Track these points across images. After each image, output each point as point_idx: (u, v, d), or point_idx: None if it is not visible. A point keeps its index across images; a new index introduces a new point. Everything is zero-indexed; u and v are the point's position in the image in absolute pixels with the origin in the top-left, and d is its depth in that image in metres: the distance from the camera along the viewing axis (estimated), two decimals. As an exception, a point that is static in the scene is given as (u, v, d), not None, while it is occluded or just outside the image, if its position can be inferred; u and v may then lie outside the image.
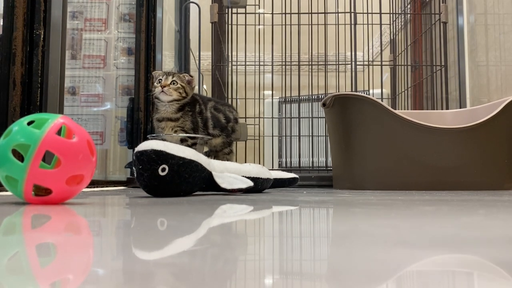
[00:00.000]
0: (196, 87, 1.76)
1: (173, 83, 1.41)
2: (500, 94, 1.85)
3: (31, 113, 1.21)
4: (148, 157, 0.78)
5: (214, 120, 1.54)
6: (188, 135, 1.45)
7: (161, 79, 1.43)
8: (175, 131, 1.44)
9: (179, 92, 1.42)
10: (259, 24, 2.07)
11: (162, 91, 1.40)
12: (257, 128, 2.04)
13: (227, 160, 1.54)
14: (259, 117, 2.09)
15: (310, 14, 2.02)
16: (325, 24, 2.06)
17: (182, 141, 1.44)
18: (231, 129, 1.61)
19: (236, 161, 1.81)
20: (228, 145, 1.60)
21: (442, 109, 1.91)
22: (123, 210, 0.60)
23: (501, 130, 1.36)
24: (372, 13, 2.00)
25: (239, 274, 0.22)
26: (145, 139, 1.45)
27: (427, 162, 1.34)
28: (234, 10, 2.05)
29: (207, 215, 0.50)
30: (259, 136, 2.07)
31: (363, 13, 1.97)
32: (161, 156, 0.79)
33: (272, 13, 1.97)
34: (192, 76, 1.46)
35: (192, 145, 1.45)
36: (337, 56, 2.11)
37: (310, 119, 2.11)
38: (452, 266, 0.24)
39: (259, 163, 1.68)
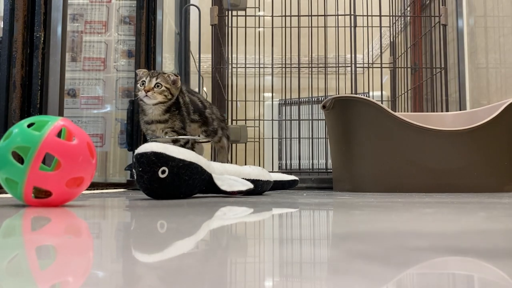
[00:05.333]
0: (196, 90, 1.76)
1: (157, 86, 1.34)
2: (500, 96, 1.85)
3: (31, 115, 1.21)
4: (148, 159, 0.78)
5: (193, 104, 1.47)
6: (186, 137, 1.44)
7: (144, 81, 1.35)
8: (166, 133, 1.41)
9: (164, 95, 1.36)
10: (259, 27, 2.08)
11: (146, 95, 1.34)
12: (257, 130, 2.05)
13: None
14: (259, 119, 2.10)
15: (310, 17, 2.02)
16: (325, 27, 2.06)
17: (175, 142, 1.42)
18: (209, 116, 1.52)
19: (236, 163, 1.81)
20: (206, 134, 1.50)
21: (442, 111, 1.91)
22: (123, 213, 0.60)
23: (501, 132, 1.36)
24: (372, 16, 2.00)
25: (239, 276, 0.22)
26: (145, 141, 1.44)
27: (427, 164, 1.34)
28: (234, 12, 2.06)
29: (207, 217, 0.50)
30: (259, 138, 2.07)
31: (363, 15, 1.97)
32: (161, 158, 0.79)
33: (272, 16, 1.97)
34: (177, 76, 1.40)
35: (184, 145, 1.43)
36: (337, 59, 2.11)
37: (310, 121, 2.11)
38: (452, 269, 0.24)
39: (259, 165, 1.68)
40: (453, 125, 1.60)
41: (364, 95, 1.77)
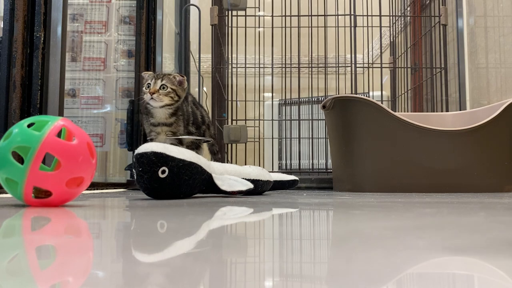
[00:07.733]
0: (196, 89, 1.76)
1: (163, 88, 1.30)
2: (500, 96, 1.85)
3: (31, 115, 1.21)
4: (148, 159, 0.78)
5: (194, 115, 1.46)
6: (187, 136, 1.44)
7: (149, 83, 1.32)
8: (167, 135, 1.39)
9: (171, 97, 1.31)
10: (259, 27, 2.08)
11: (152, 98, 1.29)
12: (257, 130, 2.04)
13: None
14: (259, 119, 2.09)
15: (310, 17, 2.02)
16: (325, 27, 2.06)
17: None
18: (203, 133, 1.51)
19: (236, 163, 1.81)
20: (196, 147, 1.48)
21: (442, 111, 1.91)
22: (123, 213, 0.60)
23: (501, 132, 1.36)
24: (372, 16, 2.00)
25: (239, 276, 0.22)
26: (145, 141, 1.44)
27: (427, 164, 1.34)
28: (234, 12, 2.05)
29: (207, 217, 0.50)
30: (259, 138, 2.07)
31: (363, 15, 1.97)
32: (161, 158, 0.79)
33: (272, 16, 1.97)
34: (183, 76, 1.35)
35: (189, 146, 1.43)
36: (337, 58, 2.11)
37: (310, 121, 2.11)
38: (453, 269, 0.24)
39: (259, 165, 1.68)
40: (453, 125, 1.60)
41: (364, 95, 1.77)
